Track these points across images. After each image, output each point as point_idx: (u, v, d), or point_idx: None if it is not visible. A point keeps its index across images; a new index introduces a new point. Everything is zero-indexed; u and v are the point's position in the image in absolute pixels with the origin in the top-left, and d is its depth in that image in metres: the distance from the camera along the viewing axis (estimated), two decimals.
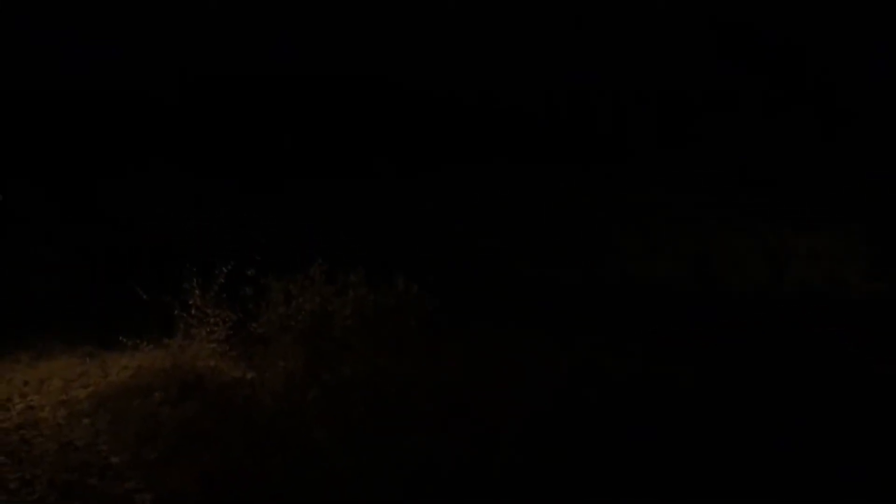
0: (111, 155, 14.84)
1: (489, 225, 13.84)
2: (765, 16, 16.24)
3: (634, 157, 16.07)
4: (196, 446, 5.13)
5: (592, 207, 14.41)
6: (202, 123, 15.98)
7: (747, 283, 10.48)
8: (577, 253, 12.37)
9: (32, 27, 15.38)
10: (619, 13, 16.68)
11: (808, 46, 16.03)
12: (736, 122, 16.22)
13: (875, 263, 10.83)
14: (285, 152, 15.47)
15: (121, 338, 6.73)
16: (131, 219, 13.09)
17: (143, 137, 15.38)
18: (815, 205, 13.34)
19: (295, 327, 6.46)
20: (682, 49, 16.36)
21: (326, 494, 4.62)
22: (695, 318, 9.08)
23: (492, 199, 14.78)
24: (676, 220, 13.52)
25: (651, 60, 16.67)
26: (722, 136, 16.03)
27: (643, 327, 8.62)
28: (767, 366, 7.26)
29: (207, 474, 4.77)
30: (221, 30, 16.36)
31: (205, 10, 16.33)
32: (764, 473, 4.97)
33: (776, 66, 16.20)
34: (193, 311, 6.58)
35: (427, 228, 13.07)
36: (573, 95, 17.32)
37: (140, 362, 6.66)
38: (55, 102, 15.57)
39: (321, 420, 5.57)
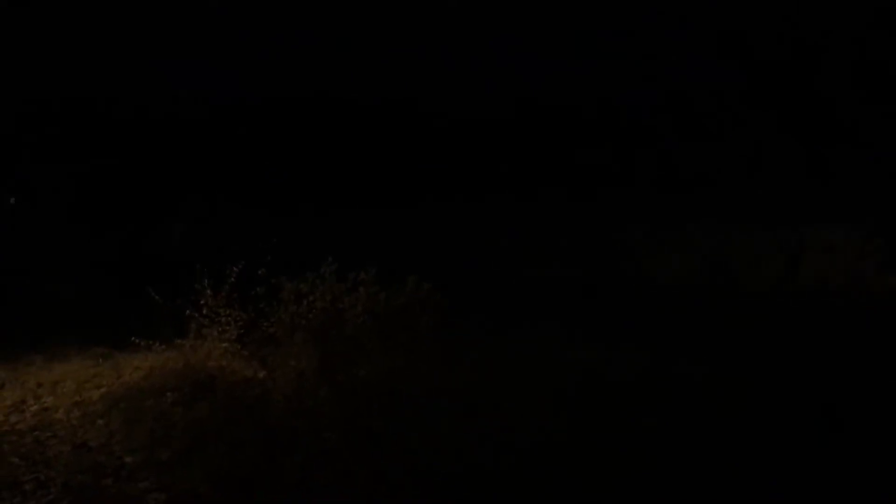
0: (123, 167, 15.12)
1: (507, 227, 13.88)
2: (772, 22, 16.12)
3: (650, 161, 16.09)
4: (209, 446, 5.13)
5: (610, 209, 14.42)
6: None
7: (764, 278, 10.41)
8: (593, 252, 12.33)
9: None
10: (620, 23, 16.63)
11: (818, 50, 15.91)
12: (749, 120, 16.13)
13: (891, 256, 10.72)
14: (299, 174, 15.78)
15: (133, 339, 6.76)
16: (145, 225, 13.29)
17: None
18: (830, 199, 13.23)
19: (306, 326, 6.45)
20: (691, 55, 16.28)
21: (338, 495, 4.61)
22: (712, 314, 9.03)
23: (506, 208, 14.85)
24: (693, 216, 13.48)
25: (660, 71, 16.63)
26: (736, 135, 15.95)
27: (658, 324, 8.58)
28: (785, 361, 7.19)
29: (220, 474, 4.76)
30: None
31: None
32: (775, 471, 4.92)
33: (788, 68, 16.09)
34: (205, 312, 6.59)
35: (445, 234, 13.14)
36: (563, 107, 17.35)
37: (153, 363, 6.69)
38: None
39: (333, 420, 5.56)
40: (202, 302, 6.59)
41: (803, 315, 8.93)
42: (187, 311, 6.63)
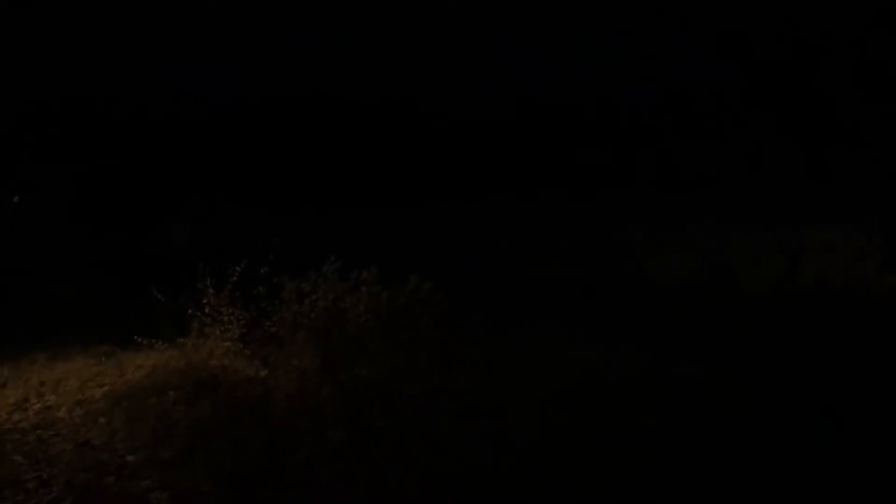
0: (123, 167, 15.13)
1: (507, 227, 13.86)
2: (772, 22, 16.14)
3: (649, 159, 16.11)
4: (211, 445, 5.14)
5: (610, 209, 14.41)
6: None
7: (764, 278, 10.41)
8: (593, 252, 12.32)
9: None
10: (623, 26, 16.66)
11: (817, 52, 15.93)
12: (749, 120, 16.14)
13: (891, 256, 10.73)
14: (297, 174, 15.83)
15: (136, 337, 6.77)
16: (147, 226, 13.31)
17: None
18: (830, 199, 13.23)
19: (308, 325, 6.46)
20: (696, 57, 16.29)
21: (340, 494, 4.62)
22: (712, 314, 9.03)
23: (506, 208, 14.83)
24: (693, 216, 13.47)
25: (660, 71, 16.66)
26: (736, 135, 15.95)
27: (658, 324, 8.59)
28: (786, 361, 7.20)
29: (222, 473, 4.78)
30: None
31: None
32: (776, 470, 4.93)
33: (788, 70, 16.11)
34: (207, 311, 6.60)
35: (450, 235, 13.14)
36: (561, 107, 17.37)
37: (155, 361, 6.70)
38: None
39: (335, 420, 5.57)
40: (204, 301, 6.61)
41: (803, 315, 8.95)
42: (189, 311, 6.65)
